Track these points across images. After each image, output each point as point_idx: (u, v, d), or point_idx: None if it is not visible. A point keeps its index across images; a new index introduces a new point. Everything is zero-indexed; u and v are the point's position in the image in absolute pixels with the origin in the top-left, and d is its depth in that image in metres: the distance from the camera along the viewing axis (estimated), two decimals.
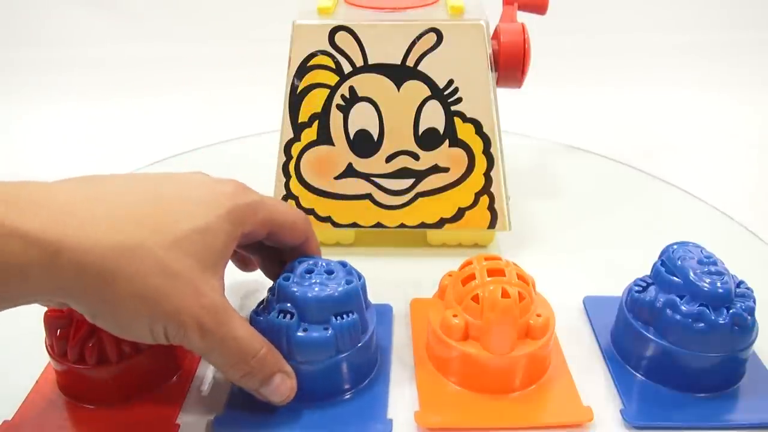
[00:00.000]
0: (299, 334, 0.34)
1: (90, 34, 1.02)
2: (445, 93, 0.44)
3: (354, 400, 0.36)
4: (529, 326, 0.35)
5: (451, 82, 0.44)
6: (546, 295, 0.38)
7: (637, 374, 0.37)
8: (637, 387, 0.36)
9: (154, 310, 0.27)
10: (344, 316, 0.34)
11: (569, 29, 0.90)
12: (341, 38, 0.44)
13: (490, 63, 0.44)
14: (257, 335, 0.31)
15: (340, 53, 0.44)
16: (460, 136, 0.45)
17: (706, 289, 0.34)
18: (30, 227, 0.25)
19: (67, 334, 0.35)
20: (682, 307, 0.35)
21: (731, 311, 0.34)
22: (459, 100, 0.45)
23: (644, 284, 0.38)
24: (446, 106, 0.45)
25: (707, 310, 0.34)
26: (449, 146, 0.45)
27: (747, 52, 0.97)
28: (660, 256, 0.38)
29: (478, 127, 0.45)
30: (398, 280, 0.45)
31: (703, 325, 0.34)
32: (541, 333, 0.35)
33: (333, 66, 0.44)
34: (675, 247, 0.38)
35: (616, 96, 0.86)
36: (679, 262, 0.36)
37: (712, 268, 0.35)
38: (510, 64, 0.45)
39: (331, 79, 0.45)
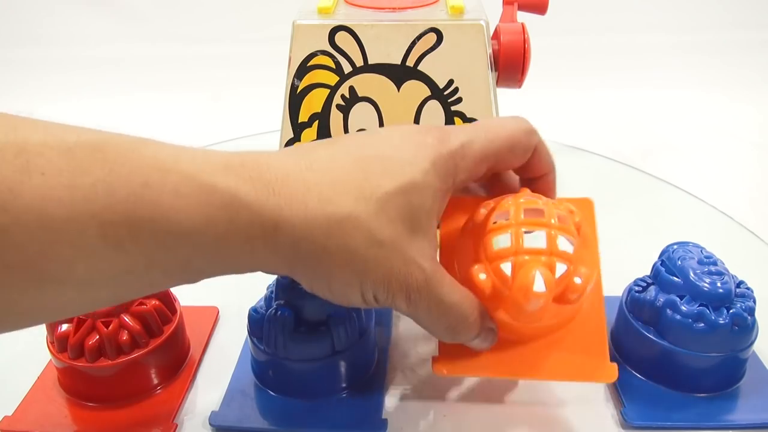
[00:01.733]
0: (296, 331, 0.34)
1: (90, 34, 1.02)
2: (445, 93, 0.44)
3: (350, 399, 0.36)
4: (565, 291, 0.29)
5: (451, 82, 0.44)
6: None
7: (637, 374, 0.37)
8: (637, 387, 0.36)
9: (363, 279, 0.27)
10: (341, 314, 0.34)
11: (569, 29, 0.91)
12: (341, 38, 0.44)
13: (490, 63, 0.44)
14: (467, 300, 0.29)
15: (340, 53, 0.44)
16: None
17: (706, 289, 0.34)
18: (253, 200, 0.25)
19: (68, 331, 0.35)
20: (682, 307, 0.35)
21: (731, 311, 0.34)
22: (459, 100, 0.45)
23: (644, 284, 0.38)
24: (446, 106, 0.45)
25: (707, 310, 0.34)
26: None
27: (747, 52, 0.97)
28: (660, 256, 0.38)
29: None
30: None
31: (703, 325, 0.34)
32: (577, 298, 0.29)
33: (333, 66, 0.44)
34: (675, 247, 0.38)
35: (616, 96, 0.86)
36: (679, 262, 0.36)
37: (712, 268, 0.35)
38: (510, 64, 0.45)
39: (331, 79, 0.45)
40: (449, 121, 0.45)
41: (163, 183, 0.23)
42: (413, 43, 0.43)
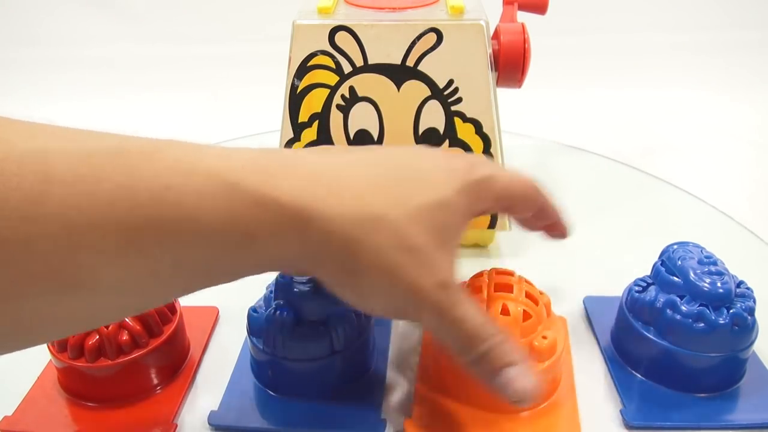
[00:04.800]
0: (295, 331, 0.34)
1: (90, 34, 1.02)
2: (445, 93, 0.44)
3: (349, 399, 0.36)
4: (532, 347, 0.34)
5: (451, 82, 0.44)
6: (550, 297, 0.38)
7: (637, 374, 0.37)
8: (637, 387, 0.36)
9: (393, 283, 0.26)
10: (341, 314, 0.34)
11: (569, 29, 0.91)
12: (341, 38, 0.44)
13: (490, 63, 0.44)
14: (493, 323, 0.29)
15: (340, 53, 0.44)
16: (460, 136, 0.45)
17: (706, 289, 0.34)
18: (282, 194, 0.25)
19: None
20: (683, 307, 0.35)
21: (731, 311, 0.34)
22: (459, 100, 0.45)
23: (644, 284, 0.38)
24: (446, 106, 0.45)
25: (707, 310, 0.34)
26: (449, 146, 0.45)
27: (747, 52, 0.97)
28: (660, 256, 0.38)
29: (478, 127, 0.45)
30: None
31: (703, 325, 0.34)
32: (546, 356, 0.34)
33: (333, 66, 0.44)
34: (675, 247, 0.38)
35: (616, 96, 0.86)
36: (680, 262, 0.36)
37: (713, 268, 0.35)
38: (510, 64, 0.45)
39: (331, 79, 0.45)
40: (449, 120, 0.45)
41: (185, 184, 0.23)
42: (413, 43, 0.43)
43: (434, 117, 0.45)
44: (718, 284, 0.34)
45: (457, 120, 0.45)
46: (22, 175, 0.21)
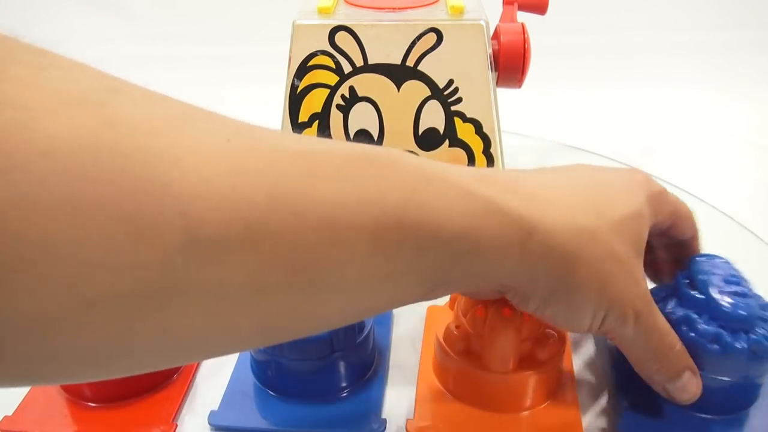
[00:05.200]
0: None
1: (89, 34, 1.02)
2: (445, 93, 0.44)
3: (349, 399, 0.36)
4: (534, 348, 0.34)
5: (451, 82, 0.44)
6: None
7: (642, 386, 0.34)
8: (640, 400, 0.34)
9: (601, 294, 0.28)
10: None
11: (569, 29, 0.90)
12: (341, 38, 0.44)
13: (490, 63, 0.44)
14: (672, 330, 0.31)
15: (340, 53, 0.44)
16: (460, 136, 0.45)
17: (726, 309, 0.32)
18: (510, 207, 0.26)
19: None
20: (699, 326, 0.32)
21: (751, 336, 0.32)
22: (459, 100, 0.45)
23: (663, 295, 0.35)
24: (446, 106, 0.45)
25: (724, 332, 0.32)
26: (449, 146, 0.45)
27: (747, 52, 0.97)
28: (684, 269, 0.35)
29: (478, 127, 0.45)
30: None
31: (717, 347, 0.31)
32: (548, 356, 0.34)
33: (333, 66, 0.44)
34: (702, 259, 0.35)
35: (616, 96, 0.86)
36: (703, 277, 0.33)
37: (737, 288, 0.33)
38: (510, 64, 0.45)
39: (331, 79, 0.45)
40: (449, 120, 0.45)
41: (428, 188, 0.24)
42: (413, 43, 0.44)
43: (434, 117, 0.45)
44: (741, 305, 0.32)
45: (457, 120, 0.45)
46: (293, 173, 0.22)
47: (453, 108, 0.45)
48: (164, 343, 0.21)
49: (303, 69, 0.44)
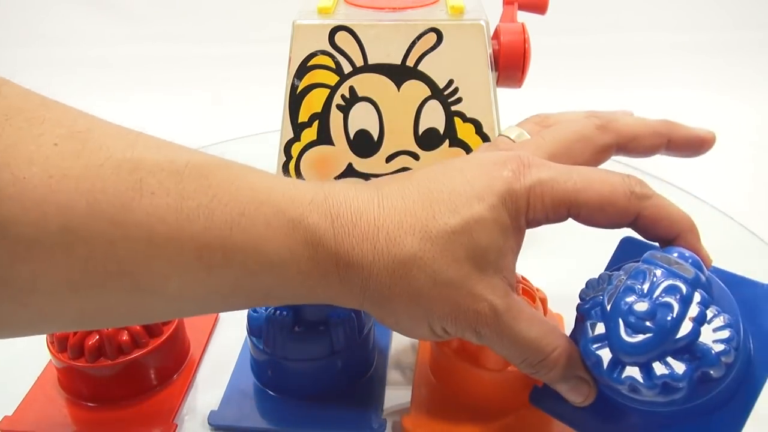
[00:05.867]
0: (294, 331, 0.34)
1: (90, 34, 1.02)
2: (445, 93, 0.44)
3: (349, 399, 0.36)
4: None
5: (451, 82, 0.44)
6: (546, 294, 0.38)
7: None
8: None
9: (430, 315, 0.27)
10: (340, 314, 0.34)
11: (569, 29, 0.90)
12: (341, 38, 0.44)
13: (490, 63, 0.44)
14: (548, 337, 0.27)
15: (340, 53, 0.44)
16: (460, 136, 0.45)
17: (626, 340, 0.25)
18: (328, 239, 0.26)
19: (68, 331, 0.35)
20: (603, 371, 0.26)
21: (657, 373, 0.25)
22: (459, 100, 0.45)
23: (587, 307, 0.29)
24: (446, 106, 0.45)
25: (635, 379, 0.25)
26: (449, 146, 0.45)
27: (747, 52, 0.97)
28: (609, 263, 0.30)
29: (478, 127, 0.45)
30: None
31: (633, 396, 0.26)
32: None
33: (333, 66, 0.44)
34: (627, 266, 0.28)
35: (616, 96, 0.86)
36: (611, 286, 0.27)
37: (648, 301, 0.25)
38: (510, 64, 0.45)
39: (331, 79, 0.45)
40: (449, 120, 0.45)
41: (256, 214, 0.25)
42: (413, 43, 0.43)
43: (434, 117, 0.45)
44: (640, 336, 0.25)
45: (457, 120, 0.45)
46: (116, 183, 0.23)
47: (453, 108, 0.45)
48: None
49: (303, 69, 0.44)
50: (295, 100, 0.45)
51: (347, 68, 0.44)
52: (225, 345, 0.41)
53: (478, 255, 0.26)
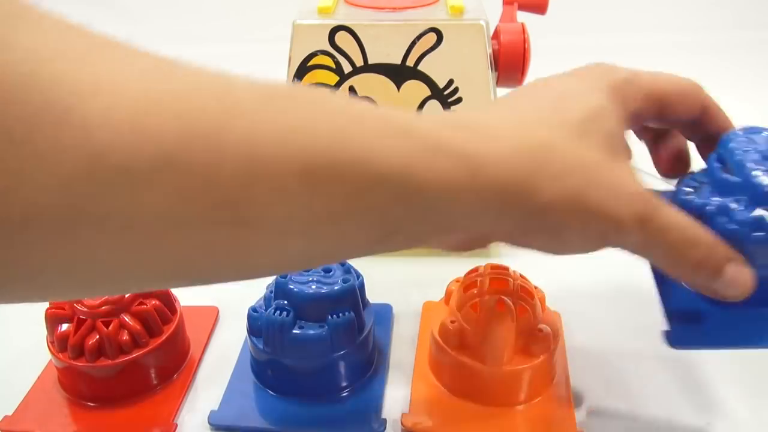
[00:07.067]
0: (295, 331, 0.34)
1: None
2: (445, 93, 0.44)
3: (349, 399, 0.36)
4: (528, 342, 0.34)
5: (451, 82, 0.44)
6: (545, 292, 0.38)
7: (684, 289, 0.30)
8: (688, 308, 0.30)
9: (579, 210, 0.24)
10: (340, 314, 0.34)
11: (569, 29, 0.90)
12: (341, 38, 0.44)
13: (490, 63, 0.44)
14: (696, 222, 0.26)
15: (340, 53, 0.44)
16: None
17: (767, 189, 0.26)
18: (452, 143, 0.23)
19: (68, 331, 0.35)
20: (737, 213, 0.27)
21: None
22: (459, 100, 0.45)
23: (695, 184, 0.30)
24: (446, 106, 0.45)
25: (767, 216, 0.26)
26: None
27: (747, 52, 0.97)
28: (717, 148, 0.30)
29: None
30: (401, 281, 0.45)
31: (761, 234, 0.26)
32: (542, 351, 0.34)
33: (333, 66, 0.44)
34: (735, 135, 0.29)
35: None
36: (738, 156, 0.28)
37: None
38: (510, 64, 0.45)
39: (331, 79, 0.45)
40: None
41: (363, 125, 0.23)
42: (413, 43, 0.44)
43: None
44: None
45: None
46: (211, 105, 0.21)
47: (453, 108, 0.45)
48: (74, 271, 0.21)
49: (303, 69, 0.45)
50: None
51: (347, 68, 0.44)
52: (225, 345, 0.41)
53: (610, 142, 0.26)
